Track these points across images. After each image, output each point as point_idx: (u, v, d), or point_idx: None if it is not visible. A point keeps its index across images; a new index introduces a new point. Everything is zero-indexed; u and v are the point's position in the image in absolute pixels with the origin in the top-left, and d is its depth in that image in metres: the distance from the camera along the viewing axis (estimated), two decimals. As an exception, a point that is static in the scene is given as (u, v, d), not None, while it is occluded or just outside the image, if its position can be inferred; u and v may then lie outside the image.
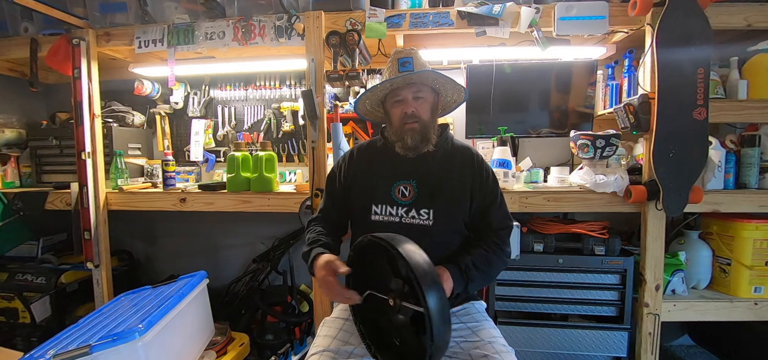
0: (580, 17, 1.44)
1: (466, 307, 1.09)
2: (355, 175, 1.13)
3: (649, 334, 1.47)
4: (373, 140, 1.21)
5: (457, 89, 1.12)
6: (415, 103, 1.05)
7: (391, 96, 1.09)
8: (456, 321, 1.04)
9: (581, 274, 1.52)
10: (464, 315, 1.07)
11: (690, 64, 1.34)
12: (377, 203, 1.06)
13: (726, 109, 1.43)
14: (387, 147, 1.12)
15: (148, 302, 1.35)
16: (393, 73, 1.07)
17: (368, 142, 1.21)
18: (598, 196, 1.49)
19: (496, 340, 0.98)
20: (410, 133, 1.04)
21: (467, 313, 1.08)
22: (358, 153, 1.17)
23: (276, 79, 2.08)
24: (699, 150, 1.35)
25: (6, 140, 1.97)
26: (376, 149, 1.16)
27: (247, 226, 2.20)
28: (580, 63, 1.76)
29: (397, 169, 1.07)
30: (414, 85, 1.06)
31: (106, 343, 1.08)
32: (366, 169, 1.12)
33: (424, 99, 1.07)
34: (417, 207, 1.03)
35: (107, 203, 1.76)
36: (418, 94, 1.06)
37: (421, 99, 1.06)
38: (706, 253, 1.57)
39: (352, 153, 1.18)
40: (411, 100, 1.05)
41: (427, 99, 1.07)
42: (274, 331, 1.76)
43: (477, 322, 1.05)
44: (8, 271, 1.86)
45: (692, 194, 1.36)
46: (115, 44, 1.71)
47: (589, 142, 1.52)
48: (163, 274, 2.23)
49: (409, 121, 1.04)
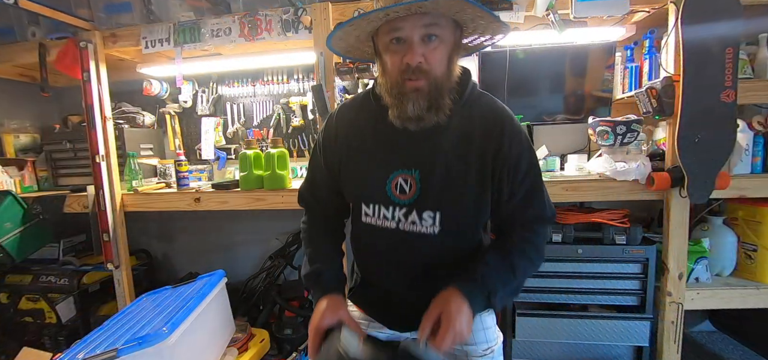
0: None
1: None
2: (341, 158, 0.81)
3: (671, 323, 1.45)
4: (364, 97, 0.83)
5: (493, 23, 0.72)
6: (424, 48, 0.67)
7: (388, 29, 0.69)
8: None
9: (601, 264, 1.50)
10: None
11: (717, 44, 1.27)
12: (368, 202, 0.78)
13: (755, 90, 1.36)
14: (381, 113, 0.75)
15: (170, 303, 1.38)
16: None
17: (359, 101, 0.84)
18: (619, 184, 1.45)
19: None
20: (413, 96, 0.69)
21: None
22: (344, 121, 0.82)
23: (284, 74, 2.05)
24: (726, 134, 1.29)
25: (22, 145, 2.00)
26: (366, 117, 0.80)
27: (261, 222, 2.21)
28: (597, 45, 1.70)
29: (394, 151, 0.75)
30: (426, 15, 0.66)
31: (133, 347, 1.11)
32: (354, 148, 0.80)
33: (440, 38, 0.68)
34: (418, 208, 0.75)
35: (123, 205, 1.78)
36: (432, 31, 0.67)
37: (434, 40, 0.68)
38: (731, 240, 1.53)
39: (331, 121, 0.84)
40: (417, 41, 0.67)
41: (445, 39, 0.69)
42: (293, 325, 1.78)
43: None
44: (32, 273, 1.91)
45: (719, 180, 1.31)
46: (122, 45, 1.70)
47: (609, 128, 1.48)
48: (181, 272, 2.27)
49: (413, 77, 0.68)
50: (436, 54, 0.69)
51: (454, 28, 0.72)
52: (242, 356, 1.53)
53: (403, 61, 0.68)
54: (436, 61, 0.69)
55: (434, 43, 0.68)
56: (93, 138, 1.68)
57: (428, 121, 0.71)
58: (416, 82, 0.69)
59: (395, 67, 0.70)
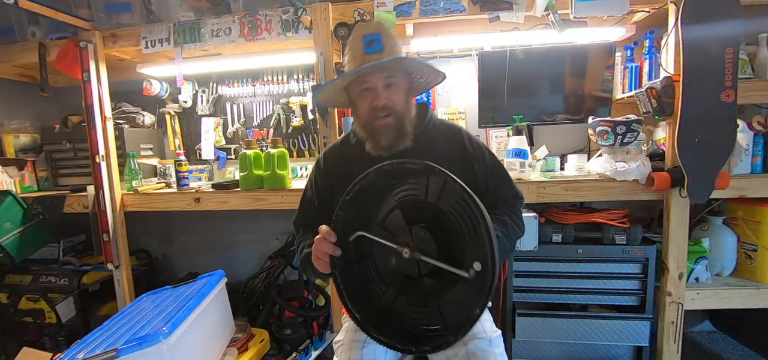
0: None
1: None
2: (333, 188, 0.96)
3: (671, 323, 1.45)
4: (344, 139, 1.03)
5: (434, 72, 0.94)
6: (387, 92, 0.88)
7: (357, 82, 0.91)
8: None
9: (601, 264, 1.50)
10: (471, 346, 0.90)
11: (717, 44, 1.27)
12: None
13: (755, 90, 1.36)
14: (360, 146, 0.95)
15: (170, 303, 1.38)
16: (358, 53, 0.89)
17: (339, 144, 1.04)
18: (619, 184, 1.45)
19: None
20: (383, 130, 0.88)
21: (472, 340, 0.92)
22: (331, 159, 1.01)
23: (284, 74, 2.05)
24: (726, 134, 1.29)
25: (21, 145, 2.00)
26: (347, 151, 1.00)
27: (261, 222, 2.21)
28: (597, 45, 1.70)
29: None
30: (385, 69, 0.88)
31: (133, 347, 1.11)
32: (340, 178, 0.94)
33: (397, 85, 0.90)
34: None
35: (123, 205, 1.78)
36: (390, 81, 0.88)
37: (393, 86, 0.89)
38: (730, 240, 1.53)
39: (319, 163, 1.03)
40: (381, 88, 0.88)
41: (401, 85, 0.91)
42: (293, 325, 1.78)
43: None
44: (32, 273, 1.91)
45: (719, 180, 1.31)
46: (122, 45, 1.70)
47: (608, 128, 1.48)
48: (181, 272, 2.27)
49: (381, 115, 0.88)
50: (396, 96, 0.90)
51: (407, 76, 0.94)
52: (242, 356, 1.53)
53: (372, 104, 0.89)
54: (397, 101, 0.90)
55: (393, 88, 0.90)
56: (93, 138, 1.68)
57: (398, 147, 0.90)
58: (384, 119, 0.89)
59: (366, 109, 0.91)
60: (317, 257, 0.81)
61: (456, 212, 0.70)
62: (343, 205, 0.78)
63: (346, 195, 0.77)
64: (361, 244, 0.79)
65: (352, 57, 0.91)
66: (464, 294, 0.69)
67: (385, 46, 0.88)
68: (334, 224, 0.78)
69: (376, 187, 0.77)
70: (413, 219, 0.74)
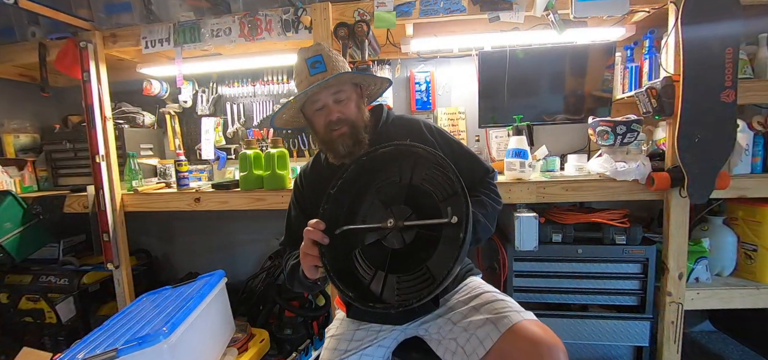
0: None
1: (466, 283, 1.01)
2: (310, 206, 1.01)
3: (671, 323, 1.45)
4: (315, 159, 1.10)
5: (380, 80, 1.03)
6: (339, 107, 0.95)
7: (310, 103, 0.97)
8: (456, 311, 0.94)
9: (601, 264, 1.50)
10: (465, 297, 0.96)
11: (718, 44, 1.27)
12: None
13: (755, 90, 1.36)
14: (328, 163, 1.02)
15: (170, 303, 1.38)
16: (303, 76, 0.95)
17: (311, 164, 1.10)
18: (619, 184, 1.45)
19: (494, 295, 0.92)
20: (340, 140, 0.94)
21: (465, 293, 0.97)
22: (306, 179, 1.08)
23: (284, 74, 2.05)
24: (726, 134, 1.29)
25: (21, 145, 2.00)
26: (319, 168, 1.06)
27: (261, 222, 2.21)
28: (597, 45, 1.70)
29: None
30: (331, 86, 0.94)
31: (133, 347, 1.11)
32: (315, 195, 0.99)
33: (347, 98, 0.96)
34: None
35: (123, 205, 1.78)
36: (339, 96, 0.95)
37: (343, 100, 0.95)
38: (731, 240, 1.53)
39: (297, 184, 1.09)
40: (332, 104, 0.94)
41: (350, 96, 0.96)
42: (293, 325, 1.78)
43: (478, 295, 0.95)
44: (32, 273, 1.91)
45: (719, 180, 1.31)
46: (122, 45, 1.70)
47: (609, 128, 1.48)
48: (180, 272, 2.27)
49: (336, 128, 0.94)
50: (347, 107, 0.96)
51: (355, 88, 0.99)
52: (242, 356, 1.53)
53: (327, 120, 0.95)
54: (348, 111, 0.95)
55: (343, 102, 0.95)
56: (93, 138, 1.68)
57: (356, 152, 0.93)
58: (340, 130, 0.94)
59: (321, 125, 0.96)
60: (305, 254, 0.82)
61: (429, 183, 0.79)
62: (329, 199, 0.84)
63: (331, 189, 0.84)
64: (347, 240, 0.83)
65: (299, 81, 0.98)
66: (447, 249, 0.74)
67: (327, 64, 0.94)
68: (321, 217, 0.83)
69: (356, 183, 0.84)
70: (391, 203, 0.82)
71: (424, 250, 0.77)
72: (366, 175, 0.86)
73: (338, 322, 1.05)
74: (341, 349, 0.95)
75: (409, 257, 0.79)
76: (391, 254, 0.80)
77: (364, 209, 0.86)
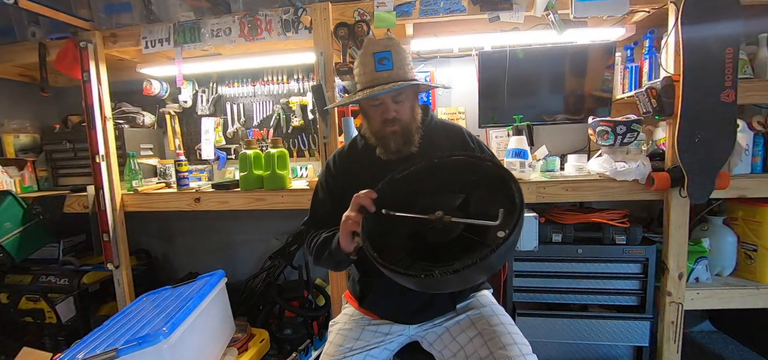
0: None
1: (470, 301, 1.02)
2: (342, 190, 1.00)
3: (671, 323, 1.45)
4: (352, 144, 1.10)
5: (437, 88, 1.08)
6: (396, 106, 0.97)
7: (369, 97, 0.98)
8: (460, 325, 0.97)
9: (601, 264, 1.50)
10: (473, 314, 0.98)
11: (717, 44, 1.27)
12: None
13: (754, 90, 1.36)
14: (368, 149, 1.03)
15: (170, 303, 1.38)
16: (369, 69, 0.96)
17: (348, 147, 1.11)
18: (619, 184, 1.45)
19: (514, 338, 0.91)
20: (392, 137, 0.97)
21: (474, 309, 0.99)
22: (339, 163, 1.08)
23: (284, 74, 2.05)
24: (726, 134, 1.29)
25: (21, 145, 2.00)
26: (355, 155, 1.07)
27: (260, 222, 2.21)
28: (597, 45, 1.70)
29: (381, 177, 0.94)
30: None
31: (133, 347, 1.11)
32: (350, 180, 1.01)
33: (405, 99, 0.98)
34: None
35: (123, 205, 1.78)
36: (398, 97, 0.97)
37: (400, 100, 0.97)
38: (731, 240, 1.53)
39: (329, 166, 1.09)
40: (390, 102, 0.96)
41: (408, 97, 0.99)
42: (293, 325, 1.78)
43: (490, 323, 0.95)
44: (32, 274, 1.91)
45: (719, 180, 1.31)
46: (122, 45, 1.70)
47: (609, 128, 1.48)
48: (180, 272, 2.27)
49: (390, 125, 0.97)
50: (403, 108, 0.98)
51: (413, 89, 1.01)
52: (242, 356, 1.53)
53: (383, 117, 0.97)
54: (404, 113, 0.98)
55: (401, 102, 0.98)
56: (93, 138, 1.68)
57: (405, 151, 0.99)
58: (393, 127, 0.97)
59: (376, 119, 0.99)
60: (347, 218, 0.84)
61: (486, 197, 0.81)
62: (391, 181, 0.87)
63: (396, 174, 0.87)
64: (388, 226, 0.84)
65: (363, 72, 0.98)
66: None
67: (395, 62, 0.95)
68: (379, 190, 0.85)
69: (417, 179, 0.86)
70: (444, 206, 0.83)
71: (463, 254, 0.77)
72: (429, 175, 0.87)
73: (347, 317, 1.06)
74: (347, 347, 0.96)
75: (446, 255, 0.80)
76: (429, 247, 0.81)
77: (416, 205, 0.85)
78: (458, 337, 0.95)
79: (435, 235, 0.80)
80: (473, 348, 0.91)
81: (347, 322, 1.04)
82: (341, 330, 1.01)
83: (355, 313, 1.06)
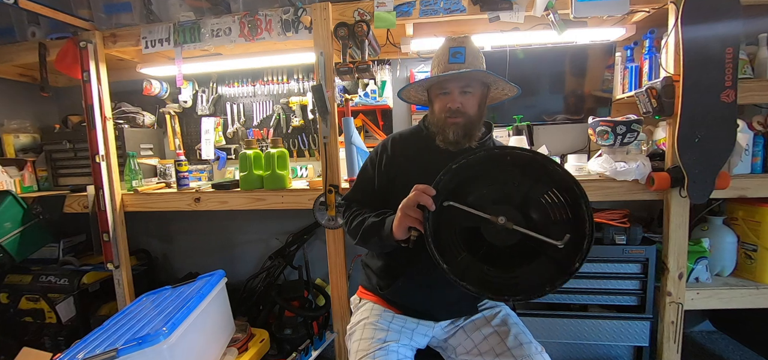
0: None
1: (487, 302, 1.08)
2: (397, 171, 1.05)
3: (671, 323, 1.45)
4: (414, 129, 1.13)
5: (509, 86, 1.05)
6: (462, 98, 0.99)
7: (437, 86, 1.02)
8: (475, 324, 1.03)
9: (601, 264, 1.50)
10: (488, 314, 1.05)
11: (718, 44, 1.27)
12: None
13: (755, 90, 1.36)
14: (428, 138, 1.05)
15: (170, 303, 1.38)
16: (442, 61, 1.00)
17: (409, 132, 1.13)
18: (619, 184, 1.45)
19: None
20: (453, 127, 0.98)
21: (488, 309, 1.06)
22: (399, 145, 1.09)
23: (284, 74, 2.05)
24: (726, 134, 1.29)
25: (21, 145, 2.00)
26: (416, 140, 1.09)
27: (260, 222, 2.21)
28: (596, 45, 1.70)
29: (437, 165, 0.93)
30: (463, 78, 0.99)
31: (133, 347, 1.11)
32: (406, 163, 1.05)
33: (472, 93, 1.00)
34: None
35: (123, 205, 1.78)
36: (466, 89, 0.99)
37: (468, 93, 0.99)
38: (730, 240, 1.53)
39: (386, 146, 1.10)
40: (457, 94, 0.99)
41: (476, 93, 1.00)
42: (293, 325, 1.78)
43: (506, 323, 1.01)
44: (32, 274, 1.91)
45: (719, 180, 1.31)
46: (122, 45, 1.70)
47: (608, 128, 1.48)
48: (180, 272, 2.27)
49: (453, 116, 0.98)
50: (470, 101, 1.00)
51: (483, 86, 1.03)
52: (242, 356, 1.53)
53: (447, 106, 0.99)
54: (470, 106, 1.00)
55: (468, 95, 1.00)
56: (93, 138, 1.68)
57: (463, 144, 1.00)
58: (455, 119, 0.99)
59: (441, 109, 1.01)
60: (406, 214, 0.84)
61: (546, 200, 0.80)
62: (449, 172, 0.83)
63: (453, 164, 0.83)
64: (444, 215, 0.83)
65: (437, 63, 1.03)
66: (544, 268, 0.78)
67: (467, 58, 0.98)
68: (436, 185, 0.83)
69: (475, 170, 0.84)
70: (502, 202, 0.83)
71: (519, 256, 0.80)
72: (487, 166, 0.85)
73: (368, 310, 1.06)
74: (380, 338, 0.96)
75: (502, 253, 0.81)
76: (487, 245, 0.82)
77: (472, 195, 0.85)
78: (473, 335, 0.99)
79: (492, 236, 0.82)
80: (488, 345, 0.95)
81: (370, 315, 1.03)
82: (368, 324, 1.00)
83: (376, 307, 1.06)
